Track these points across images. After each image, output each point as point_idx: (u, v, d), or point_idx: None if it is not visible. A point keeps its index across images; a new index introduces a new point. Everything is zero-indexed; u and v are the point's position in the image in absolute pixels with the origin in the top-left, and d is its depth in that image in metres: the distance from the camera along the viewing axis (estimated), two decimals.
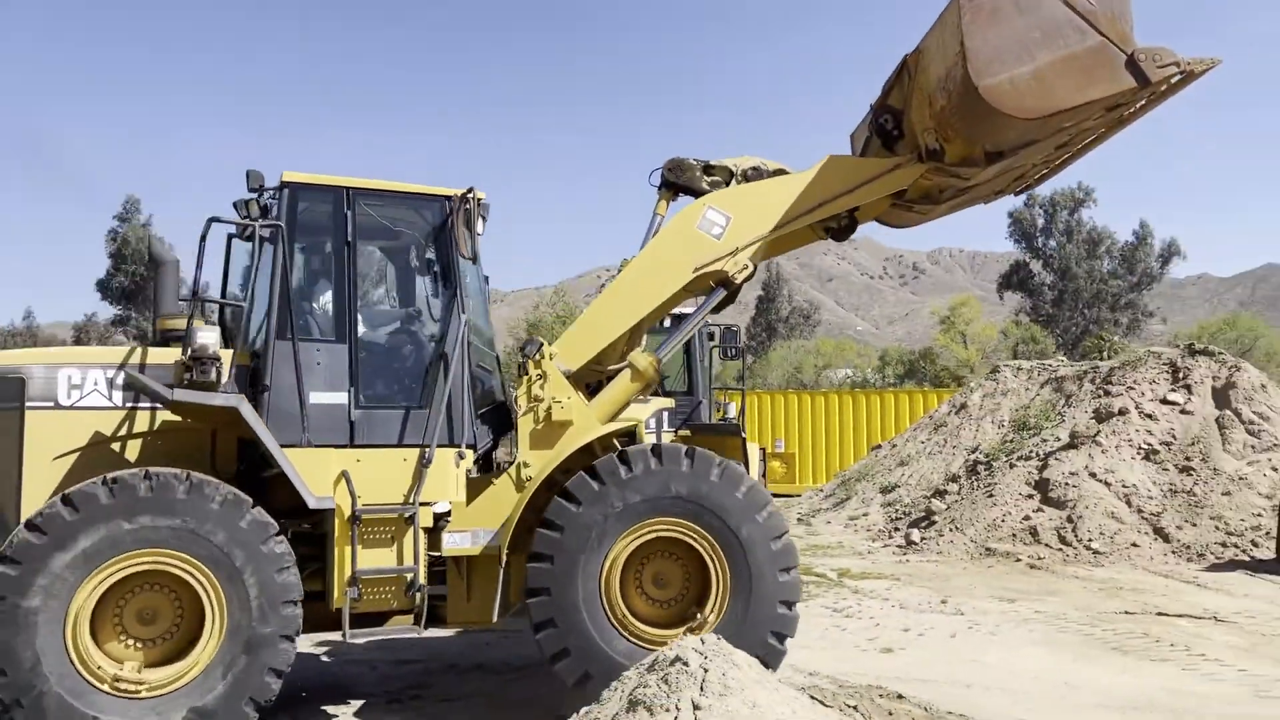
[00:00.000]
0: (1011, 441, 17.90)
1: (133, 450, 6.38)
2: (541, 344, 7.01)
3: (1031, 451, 16.77)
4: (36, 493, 6.03)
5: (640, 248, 7.47)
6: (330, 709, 7.11)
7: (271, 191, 6.65)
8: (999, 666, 8.23)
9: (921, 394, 28.61)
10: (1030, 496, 15.61)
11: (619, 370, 7.34)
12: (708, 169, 7.59)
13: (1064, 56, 6.34)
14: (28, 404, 6.10)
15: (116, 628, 5.77)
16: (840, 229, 7.56)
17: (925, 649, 8.98)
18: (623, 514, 6.47)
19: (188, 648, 5.77)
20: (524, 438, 6.88)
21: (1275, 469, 15.15)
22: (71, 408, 6.23)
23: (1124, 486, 15.15)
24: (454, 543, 6.67)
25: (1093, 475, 15.43)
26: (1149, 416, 16.56)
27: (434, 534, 6.67)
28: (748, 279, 7.27)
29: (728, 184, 7.53)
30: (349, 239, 6.67)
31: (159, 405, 6.34)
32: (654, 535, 6.54)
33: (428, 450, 6.55)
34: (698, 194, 7.51)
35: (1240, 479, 15.05)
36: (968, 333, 61.70)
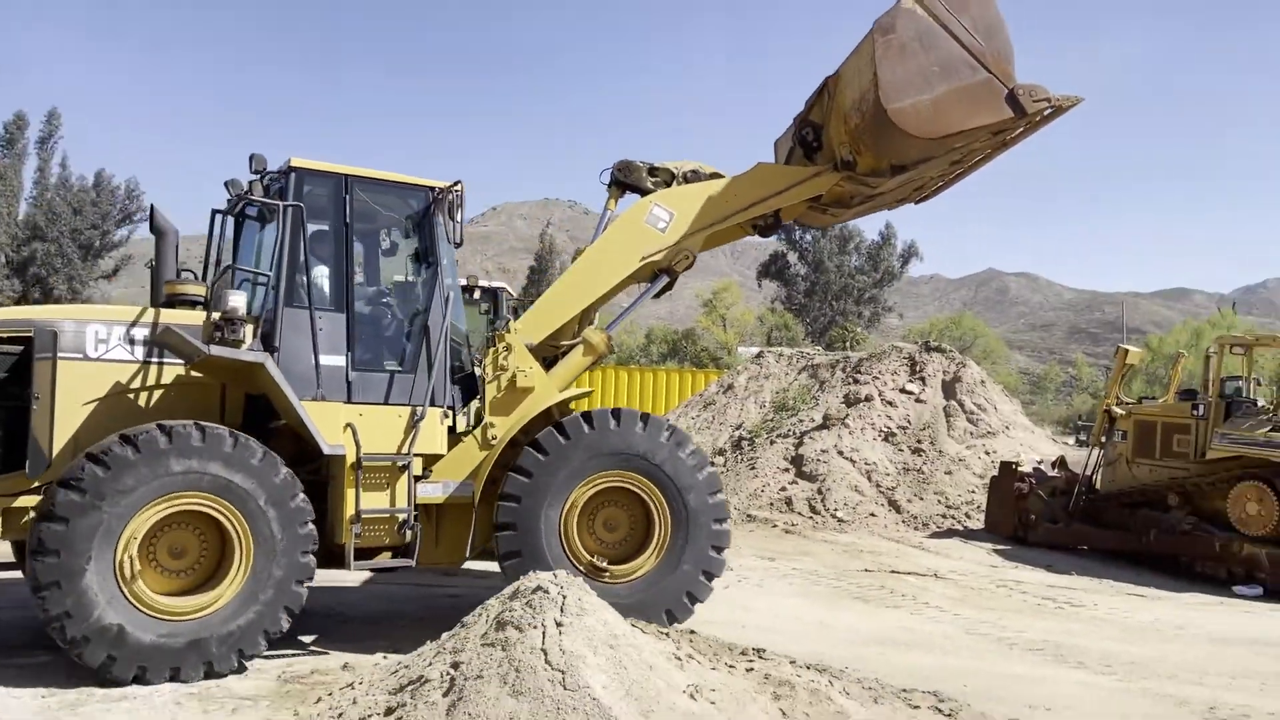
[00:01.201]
0: (772, 421, 19.74)
1: (151, 400, 7.00)
2: (509, 320, 7.86)
3: (789, 430, 18.63)
4: (64, 432, 6.62)
5: (593, 239, 8.38)
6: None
7: (273, 174, 7.25)
8: (767, 611, 9.55)
9: (690, 374, 30.48)
10: (787, 470, 17.42)
11: (574, 345, 8.32)
12: (652, 170, 8.58)
13: (958, 88, 7.73)
14: (60, 354, 6.62)
15: (150, 559, 6.40)
16: (766, 226, 8.70)
17: None
18: (583, 465, 7.54)
19: (207, 582, 6.51)
20: (490, 402, 7.69)
21: (988, 452, 17.70)
22: (99, 359, 6.79)
23: (866, 464, 17.22)
24: (426, 492, 7.49)
25: (840, 453, 17.42)
26: (889, 403, 18.80)
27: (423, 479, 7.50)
28: (687, 268, 8.37)
29: (670, 184, 8.51)
30: (347, 220, 7.39)
31: (175, 361, 6.99)
32: (608, 485, 7.65)
33: (419, 409, 7.34)
34: (644, 192, 8.52)
35: (960, 460, 17.49)
36: (728, 316, 64.57)
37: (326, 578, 8.04)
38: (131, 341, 6.89)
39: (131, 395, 6.92)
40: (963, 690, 6.72)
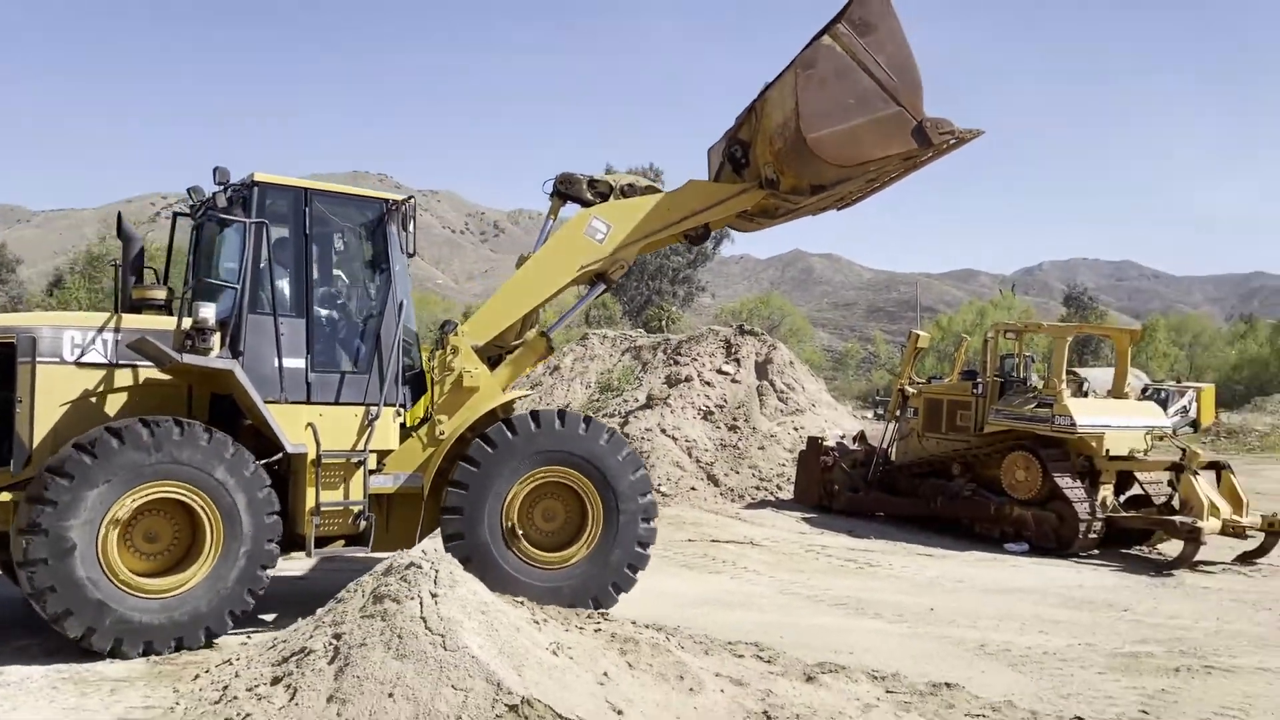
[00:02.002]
0: (598, 400, 20.58)
1: (123, 400, 7.45)
2: (456, 324, 8.36)
3: (614, 410, 19.51)
4: (44, 430, 7.08)
5: (536, 247, 8.90)
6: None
7: (236, 186, 7.82)
8: None
9: None
10: None
11: (516, 346, 8.87)
12: (592, 182, 9.09)
13: (871, 120, 8.46)
14: (39, 359, 7.10)
15: (127, 542, 6.94)
16: (697, 236, 9.32)
17: None
18: (527, 460, 8.13)
19: (178, 565, 7.08)
20: (439, 401, 8.18)
21: (797, 429, 19.12)
22: (75, 363, 7.26)
23: (687, 441, 18.30)
24: (379, 484, 8.10)
25: (663, 431, 18.43)
26: (708, 384, 19.97)
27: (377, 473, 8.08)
28: (623, 275, 8.94)
29: (608, 196, 9.01)
30: (306, 231, 7.91)
31: (145, 363, 7.42)
32: (548, 480, 8.24)
33: (374, 408, 7.91)
34: (584, 204, 9.04)
35: (771, 436, 18.83)
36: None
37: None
38: (105, 345, 7.36)
39: (106, 395, 7.39)
40: (779, 641, 7.68)
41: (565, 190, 9.24)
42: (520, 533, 8.16)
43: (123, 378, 7.46)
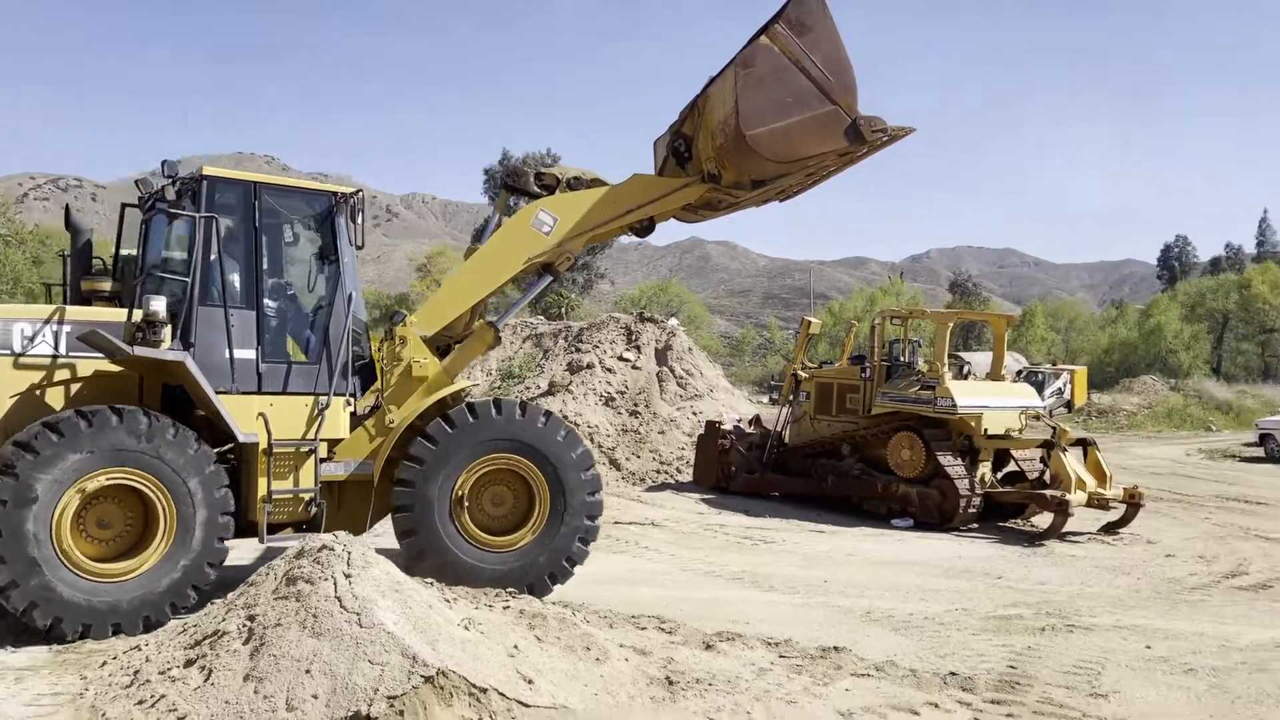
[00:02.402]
0: (500, 388, 20.71)
1: (75, 390, 7.53)
2: (405, 315, 8.45)
3: (516, 397, 19.68)
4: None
5: (484, 239, 9.00)
6: None
7: (185, 180, 7.88)
8: None
9: None
10: None
11: (465, 336, 8.96)
12: (539, 176, 9.20)
13: (808, 118, 8.67)
14: None
15: (81, 529, 7.05)
16: (642, 229, 9.40)
17: None
18: (470, 451, 8.28)
19: (134, 549, 7.21)
20: (389, 390, 8.27)
21: (695, 413, 19.61)
22: (26, 355, 7.32)
23: (589, 426, 18.60)
24: (330, 471, 8.24)
25: (566, 417, 18.68)
26: (609, 370, 20.29)
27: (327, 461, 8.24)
28: (569, 268, 8.98)
29: (554, 189, 9.12)
30: (256, 224, 7.99)
31: (95, 355, 7.45)
32: (493, 467, 8.40)
33: (324, 398, 8.05)
34: (531, 196, 9.14)
35: (671, 421, 19.28)
36: (443, 280, 64.50)
37: None
38: (54, 338, 7.42)
39: (58, 386, 7.47)
40: (680, 614, 8.05)
41: (512, 183, 9.46)
42: (468, 517, 8.34)
43: (75, 369, 7.53)
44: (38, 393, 7.37)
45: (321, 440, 8.08)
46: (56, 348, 7.40)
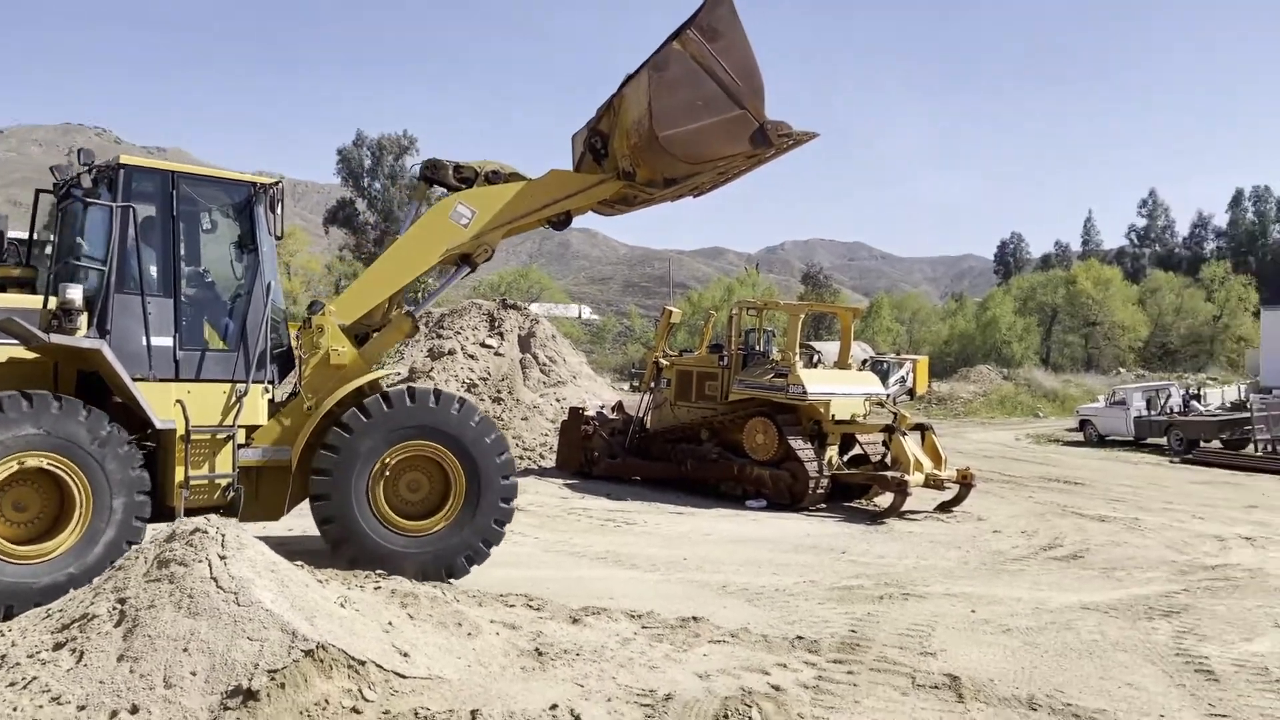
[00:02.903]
0: None
1: None
2: (324, 304, 8.48)
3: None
4: None
5: (403, 229, 9.01)
6: None
7: (101, 168, 7.91)
8: None
9: None
10: None
11: (383, 325, 9.04)
12: (458, 169, 9.22)
13: (717, 121, 8.92)
14: None
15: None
16: (559, 222, 9.54)
17: None
18: (385, 438, 8.39)
19: (51, 530, 7.27)
20: (307, 378, 8.28)
21: (559, 400, 19.94)
22: None
23: None
24: (247, 457, 8.32)
25: None
26: (471, 357, 20.39)
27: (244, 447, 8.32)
28: (487, 259, 9.18)
29: (473, 182, 9.16)
30: (173, 213, 8.04)
31: (8, 340, 7.43)
32: (409, 454, 8.52)
33: (241, 385, 8.13)
34: (450, 189, 9.20)
35: (535, 408, 19.54)
36: (293, 264, 62.40)
37: None
38: None
39: None
40: (546, 592, 8.39)
41: (431, 175, 9.57)
42: (385, 503, 8.49)
43: None
44: None
45: (239, 427, 8.18)
46: None
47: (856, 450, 16.06)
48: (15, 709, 5.08)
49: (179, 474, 7.88)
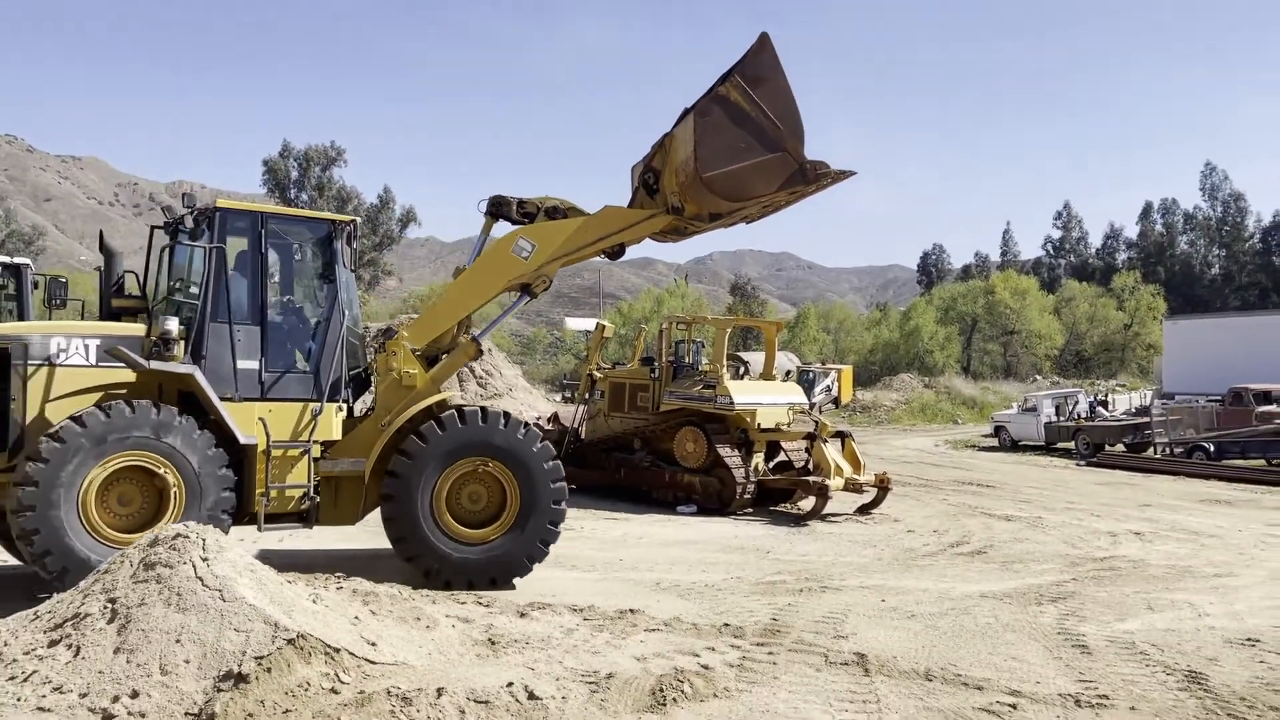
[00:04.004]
0: None
1: (101, 396, 8.46)
2: (397, 330, 9.26)
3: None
4: (33, 420, 8.29)
5: (470, 261, 9.91)
6: None
7: (202, 211, 8.97)
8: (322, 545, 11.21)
9: None
10: None
11: (451, 348, 9.89)
12: (521, 204, 10.03)
13: (759, 161, 9.58)
14: (30, 361, 8.33)
15: (104, 505, 8.21)
16: (613, 253, 10.24)
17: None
18: (451, 452, 9.25)
19: (150, 522, 8.21)
20: (382, 397, 9.14)
21: None
22: (59, 365, 8.41)
23: None
24: (329, 468, 9.30)
25: None
26: None
27: (320, 460, 9.25)
28: (545, 289, 9.94)
29: (534, 216, 9.94)
30: (262, 250, 9.05)
31: (119, 364, 8.45)
32: (471, 469, 9.39)
33: (319, 404, 9.08)
34: (513, 223, 10.02)
35: None
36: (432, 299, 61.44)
37: None
38: (85, 350, 8.50)
39: (86, 391, 8.49)
40: (493, 591, 9.07)
41: (496, 211, 10.36)
42: (451, 516, 9.34)
43: (101, 377, 8.55)
44: (70, 396, 8.41)
45: (314, 442, 9.08)
46: (87, 359, 8.49)
47: (781, 457, 16.97)
48: (19, 699, 5.62)
49: (260, 484, 8.80)
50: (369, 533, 10.61)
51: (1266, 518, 16.06)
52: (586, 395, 18.42)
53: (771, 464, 16.84)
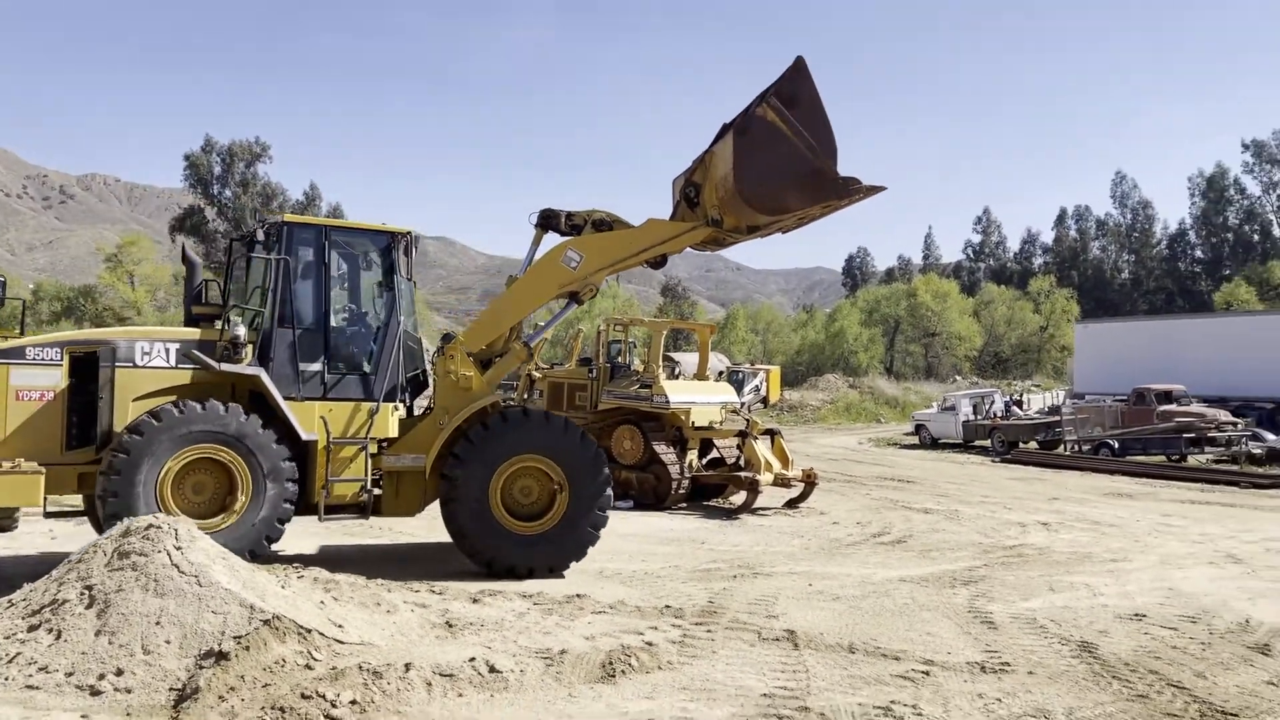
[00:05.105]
0: None
1: (181, 394, 9.27)
2: (454, 336, 9.89)
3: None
4: (121, 418, 9.10)
5: (522, 270, 10.40)
6: None
7: (271, 224, 9.83)
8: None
9: None
10: None
11: (503, 352, 10.73)
12: (569, 216, 10.52)
13: (794, 178, 10.04)
14: (117, 364, 9.19)
15: (180, 493, 9.06)
16: (656, 263, 10.72)
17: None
18: (501, 451, 9.95)
19: (218, 511, 9.14)
20: (440, 398, 9.73)
21: None
22: (144, 367, 9.30)
23: None
24: (391, 463, 10.02)
25: None
26: None
27: (377, 456, 9.94)
28: (592, 297, 10.49)
29: (582, 228, 10.44)
30: (325, 261, 9.84)
31: (199, 366, 9.35)
32: (522, 465, 10.09)
33: (376, 404, 9.80)
34: (562, 234, 10.55)
35: None
36: (137, 273, 60.18)
37: None
38: (166, 353, 9.37)
39: (167, 390, 9.31)
40: (444, 580, 9.53)
41: (546, 223, 10.90)
42: (505, 509, 10.05)
43: (179, 377, 9.39)
44: (153, 395, 9.23)
45: (371, 439, 9.79)
46: (168, 361, 9.37)
47: (714, 454, 17.64)
48: (6, 679, 5.95)
49: (320, 477, 9.55)
50: (362, 530, 10.97)
51: (1163, 509, 17.22)
52: (525, 395, 18.88)
53: (705, 460, 17.50)
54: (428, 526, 11.99)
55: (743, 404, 19.69)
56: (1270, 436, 26.15)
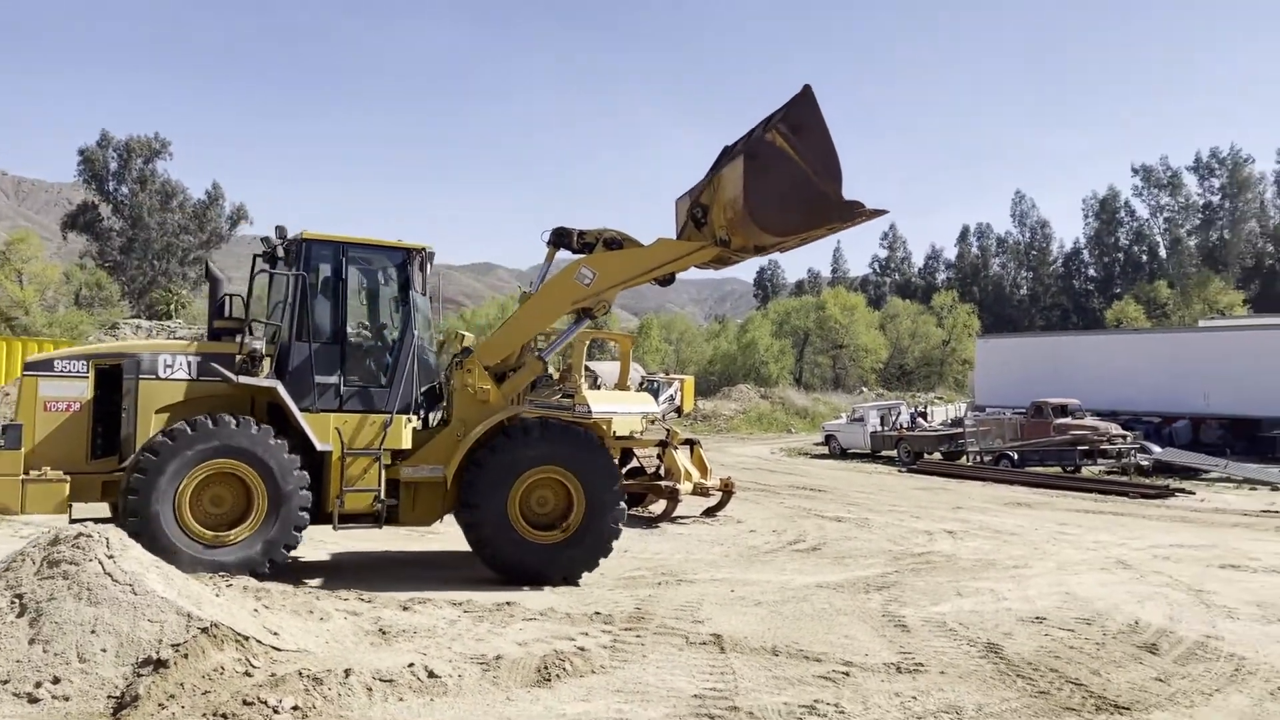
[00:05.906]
0: None
1: (202, 405, 9.56)
2: (471, 350, 9.96)
3: None
4: (144, 429, 9.38)
5: (536, 286, 10.57)
6: None
7: (291, 241, 9.94)
8: None
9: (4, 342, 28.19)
10: None
11: (519, 365, 11.04)
12: (581, 234, 10.69)
13: (800, 202, 10.30)
14: (141, 376, 9.50)
15: (198, 507, 9.22)
16: (665, 280, 10.92)
17: None
18: (522, 460, 10.17)
19: (237, 523, 9.31)
20: (458, 410, 9.82)
21: None
22: (166, 379, 9.59)
23: None
24: (409, 474, 10.23)
25: None
26: None
27: (391, 467, 10.10)
28: (605, 313, 10.67)
29: (593, 247, 10.58)
30: (343, 276, 10.04)
31: (219, 379, 9.58)
32: (542, 475, 10.36)
33: (390, 416, 9.96)
34: (574, 252, 10.75)
35: None
36: (26, 271, 57.96)
37: None
38: (189, 366, 9.66)
39: (189, 402, 9.58)
40: (373, 589, 9.59)
41: (559, 241, 11.16)
42: (523, 518, 10.28)
43: (200, 390, 9.65)
44: (175, 406, 9.52)
45: (385, 450, 9.95)
46: (190, 373, 9.64)
47: (634, 463, 17.89)
48: None
49: (335, 487, 9.75)
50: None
51: (1059, 518, 18.07)
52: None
53: (625, 469, 17.71)
54: (363, 535, 11.99)
55: (660, 414, 20.00)
56: (1157, 449, 27.51)
